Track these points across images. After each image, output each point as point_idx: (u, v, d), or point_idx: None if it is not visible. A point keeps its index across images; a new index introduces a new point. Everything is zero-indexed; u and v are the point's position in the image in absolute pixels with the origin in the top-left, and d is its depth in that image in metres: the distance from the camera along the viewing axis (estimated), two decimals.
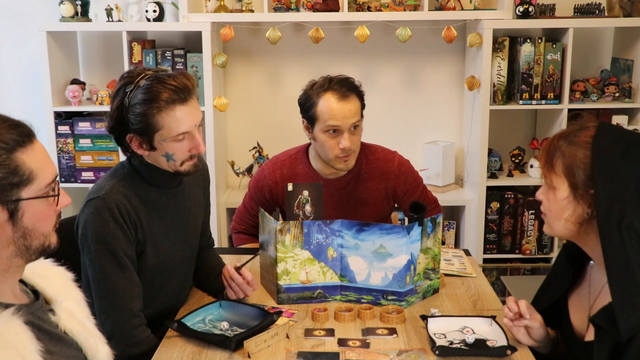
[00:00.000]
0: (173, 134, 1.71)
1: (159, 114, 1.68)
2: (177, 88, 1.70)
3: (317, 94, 2.26)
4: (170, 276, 1.88)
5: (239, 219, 2.56)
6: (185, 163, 1.78)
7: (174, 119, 1.70)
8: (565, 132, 1.55)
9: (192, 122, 1.74)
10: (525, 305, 1.61)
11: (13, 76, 3.53)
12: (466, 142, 3.50)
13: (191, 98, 1.74)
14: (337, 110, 2.22)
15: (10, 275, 1.21)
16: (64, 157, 3.29)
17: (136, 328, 1.74)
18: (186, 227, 1.92)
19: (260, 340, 1.63)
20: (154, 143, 1.72)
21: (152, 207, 1.80)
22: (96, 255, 1.70)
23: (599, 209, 1.43)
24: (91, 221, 1.69)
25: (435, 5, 3.35)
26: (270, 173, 2.42)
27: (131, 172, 1.81)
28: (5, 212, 1.15)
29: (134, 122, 1.70)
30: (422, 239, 1.89)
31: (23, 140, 1.17)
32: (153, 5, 3.20)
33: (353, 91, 2.26)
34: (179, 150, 1.75)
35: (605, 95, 3.32)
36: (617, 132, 1.51)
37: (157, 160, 1.77)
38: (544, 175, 1.56)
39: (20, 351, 1.11)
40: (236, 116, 3.55)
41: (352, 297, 1.92)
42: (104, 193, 1.71)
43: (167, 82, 1.69)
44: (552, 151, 1.52)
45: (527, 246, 3.45)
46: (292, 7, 3.31)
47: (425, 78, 3.58)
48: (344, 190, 2.37)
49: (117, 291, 1.71)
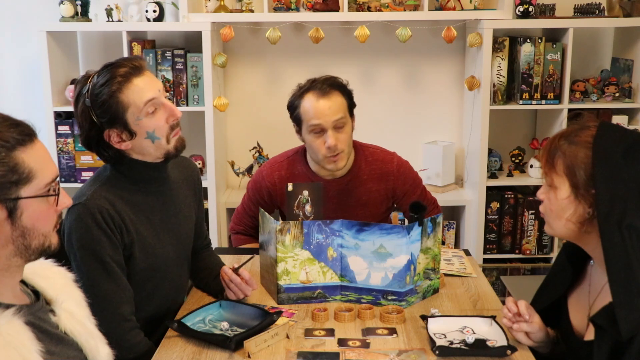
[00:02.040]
0: (141, 105, 1.69)
1: (120, 91, 1.67)
2: (128, 64, 1.70)
3: (299, 95, 2.26)
4: (162, 279, 1.86)
5: (237, 220, 2.56)
6: (170, 139, 1.76)
7: (136, 89, 1.69)
8: (566, 131, 1.55)
9: (155, 89, 1.73)
10: (524, 305, 1.61)
11: (13, 76, 3.54)
12: (466, 142, 3.50)
13: (145, 70, 1.74)
14: (317, 108, 2.21)
15: (10, 275, 1.21)
16: (64, 157, 3.29)
17: (128, 332, 1.72)
18: (176, 229, 1.90)
19: (260, 340, 1.63)
20: (131, 126, 1.70)
21: (138, 209, 1.78)
22: (82, 262, 1.69)
23: (599, 209, 1.42)
24: (74, 228, 1.68)
25: (435, 5, 3.35)
26: (269, 174, 2.42)
27: (114, 175, 1.78)
28: (4, 211, 1.15)
29: (103, 114, 1.68)
30: (422, 239, 1.89)
31: (23, 139, 1.17)
32: (153, 5, 3.20)
33: (335, 88, 2.25)
34: (158, 123, 1.72)
35: (605, 95, 3.32)
36: (618, 131, 1.51)
37: (143, 148, 1.75)
38: (544, 175, 1.56)
39: (20, 351, 1.11)
40: (236, 116, 3.55)
41: (352, 297, 1.92)
42: (85, 199, 1.69)
43: (115, 64, 1.70)
44: (553, 151, 1.52)
45: (527, 246, 3.45)
46: (292, 7, 3.31)
47: (425, 78, 3.58)
48: (342, 192, 2.36)
49: (106, 297, 1.69)
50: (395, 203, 2.48)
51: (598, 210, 1.43)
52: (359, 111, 2.37)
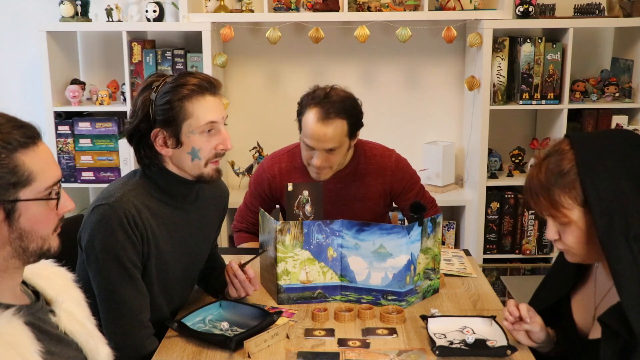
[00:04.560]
0: (202, 123, 1.67)
1: (189, 100, 1.66)
2: (207, 80, 1.70)
3: (307, 103, 2.22)
4: (165, 294, 1.80)
5: (240, 217, 2.56)
6: (209, 164, 1.74)
7: (203, 105, 1.67)
8: (545, 166, 1.47)
9: (221, 114, 1.72)
10: (526, 309, 1.59)
11: (13, 76, 3.53)
12: (466, 142, 3.50)
13: (220, 93, 1.74)
14: (314, 130, 2.19)
15: (8, 277, 1.21)
16: (64, 157, 3.28)
17: (146, 339, 1.69)
18: (193, 248, 1.85)
19: (260, 340, 1.63)
20: (181, 136, 1.67)
21: (161, 222, 1.73)
22: (103, 266, 1.63)
23: (598, 227, 1.38)
24: (98, 230, 1.62)
25: (435, 5, 3.35)
26: (269, 167, 2.44)
27: (144, 182, 1.73)
28: (2, 212, 1.14)
29: (162, 112, 1.65)
30: (422, 239, 1.89)
31: (26, 141, 1.16)
32: (153, 5, 3.20)
33: (341, 115, 2.18)
34: (206, 144, 1.71)
35: (605, 95, 3.32)
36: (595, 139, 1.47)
37: (181, 161, 1.72)
38: (551, 217, 1.48)
39: (20, 352, 1.11)
40: (236, 116, 3.55)
41: (352, 297, 1.92)
42: (113, 200, 1.63)
43: (195, 74, 1.70)
44: (550, 190, 1.45)
45: (527, 246, 3.45)
46: (292, 7, 3.31)
47: (425, 78, 3.58)
48: (340, 186, 2.37)
49: (126, 302, 1.65)
50: (393, 200, 2.48)
51: (597, 227, 1.39)
52: None
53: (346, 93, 2.26)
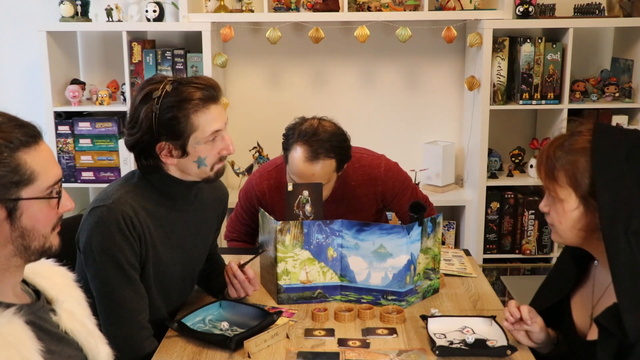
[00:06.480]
0: (207, 133, 1.68)
1: (195, 114, 1.65)
2: (207, 86, 1.69)
3: (293, 139, 2.14)
4: (164, 295, 1.81)
5: (231, 227, 2.57)
6: (215, 166, 1.75)
7: (209, 117, 1.67)
8: (559, 141, 1.50)
9: (224, 121, 1.73)
10: (527, 311, 1.59)
11: (13, 76, 3.53)
12: (466, 142, 3.51)
13: (221, 97, 1.73)
14: (301, 170, 2.12)
15: (10, 275, 1.21)
16: (64, 157, 3.28)
17: (145, 340, 1.69)
18: (191, 249, 1.85)
19: (260, 340, 1.63)
20: (187, 148, 1.68)
21: (159, 223, 1.73)
22: (101, 268, 1.63)
23: (603, 216, 1.39)
24: (95, 231, 1.62)
25: (435, 5, 3.35)
26: (258, 184, 2.40)
27: (143, 184, 1.73)
28: (4, 211, 1.15)
29: (167, 127, 1.64)
30: (422, 239, 1.89)
31: (27, 140, 1.17)
32: (153, 5, 3.20)
33: (329, 154, 2.11)
34: (211, 152, 1.71)
35: (605, 95, 3.32)
36: (617, 133, 1.49)
37: (187, 168, 1.72)
38: (546, 189, 1.51)
39: (21, 351, 1.11)
40: (236, 116, 3.55)
41: (352, 297, 1.92)
42: (111, 202, 1.64)
43: (195, 82, 1.68)
44: (551, 163, 1.48)
45: (527, 246, 3.45)
46: (292, 7, 3.31)
47: (425, 78, 3.58)
48: (331, 199, 2.29)
49: (125, 304, 1.65)
50: (385, 205, 2.46)
51: (601, 217, 1.40)
52: (359, 111, 2.37)
53: (334, 127, 2.18)
